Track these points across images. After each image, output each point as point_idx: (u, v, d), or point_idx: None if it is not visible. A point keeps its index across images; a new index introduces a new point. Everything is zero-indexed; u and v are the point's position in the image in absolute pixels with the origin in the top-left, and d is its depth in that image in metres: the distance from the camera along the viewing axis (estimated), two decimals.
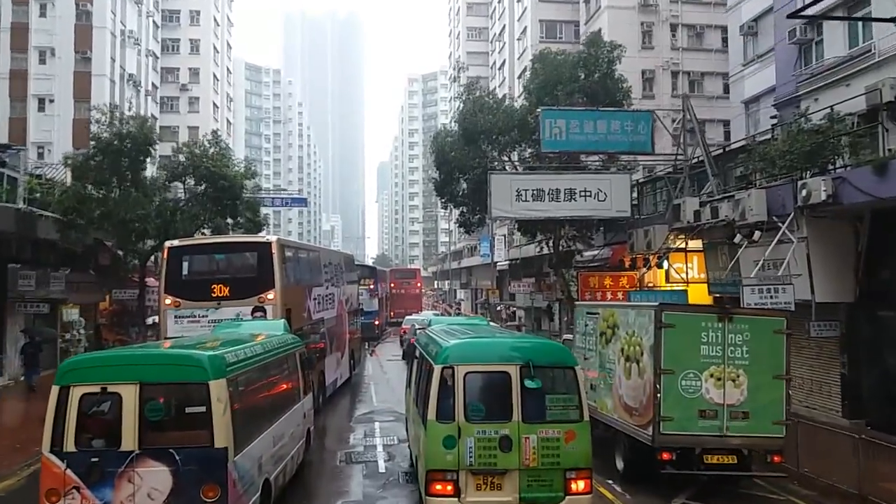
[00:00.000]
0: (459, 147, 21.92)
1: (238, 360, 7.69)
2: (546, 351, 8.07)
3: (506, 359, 7.71)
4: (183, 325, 12.81)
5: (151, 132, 18.51)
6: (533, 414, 7.43)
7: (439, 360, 7.76)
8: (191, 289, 13.27)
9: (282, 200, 35.52)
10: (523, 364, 7.53)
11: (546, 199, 19.14)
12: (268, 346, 9.16)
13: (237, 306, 12.88)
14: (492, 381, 7.69)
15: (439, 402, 7.54)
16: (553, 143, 19.35)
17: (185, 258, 13.60)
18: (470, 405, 7.48)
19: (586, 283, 22.64)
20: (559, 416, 7.52)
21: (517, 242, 41.77)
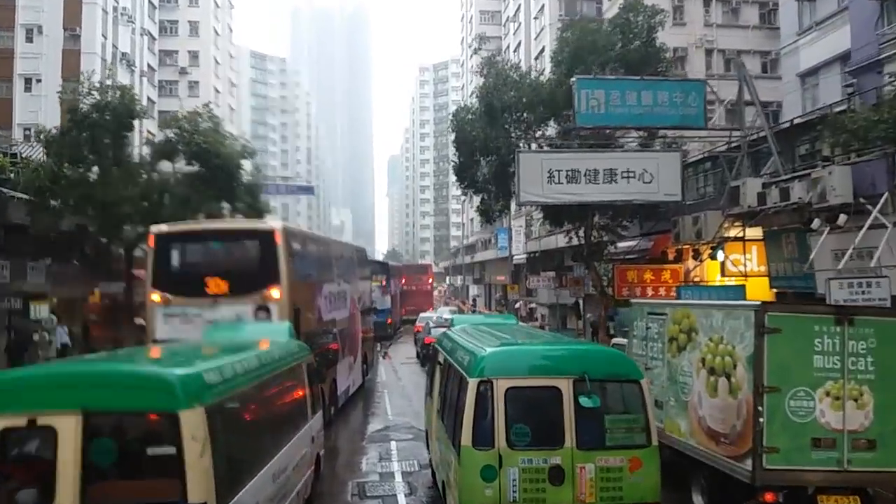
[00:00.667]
0: (481, 126, 19.53)
1: (224, 379, 5.66)
2: (605, 360, 6.74)
3: (556, 370, 6.39)
4: (174, 325, 11.04)
5: (134, 103, 16.22)
6: (590, 438, 6.18)
7: (474, 372, 6.43)
8: (182, 283, 11.44)
9: (287, 188, 33.27)
10: (578, 377, 6.24)
11: (582, 180, 16.78)
12: (267, 357, 7.22)
13: (237, 304, 11.05)
14: (539, 399, 6.36)
15: (475, 424, 6.23)
16: (589, 116, 16.95)
17: (174, 246, 11.77)
18: (513, 428, 6.17)
19: (623, 278, 20.37)
20: (622, 440, 6.28)
21: (536, 234, 39.41)
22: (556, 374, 6.33)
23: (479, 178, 20.97)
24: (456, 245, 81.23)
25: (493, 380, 6.25)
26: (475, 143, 19.59)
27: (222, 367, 5.81)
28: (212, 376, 5.45)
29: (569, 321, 27.21)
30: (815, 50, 20.68)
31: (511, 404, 6.21)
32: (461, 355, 7.41)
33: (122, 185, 15.56)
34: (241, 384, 5.98)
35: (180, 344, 7.99)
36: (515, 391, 6.27)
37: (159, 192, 17.07)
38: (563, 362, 6.50)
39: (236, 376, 5.93)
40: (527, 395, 6.34)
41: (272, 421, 7.14)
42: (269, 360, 7.11)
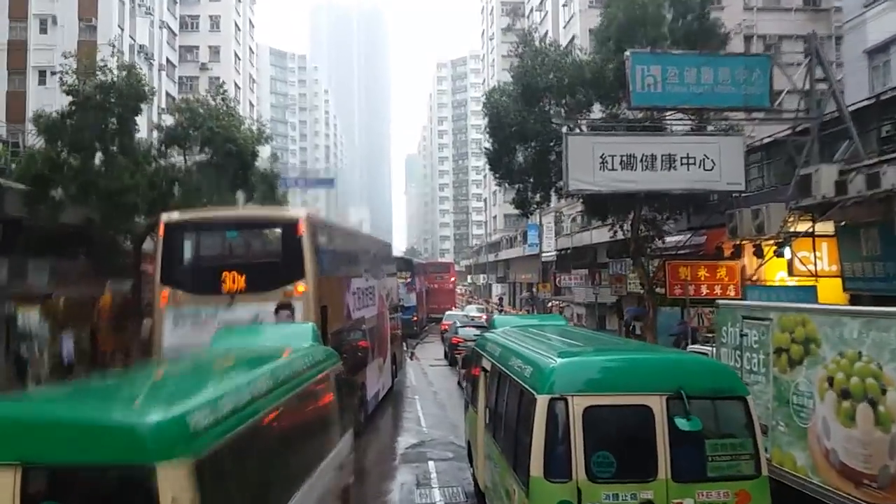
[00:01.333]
0: (517, 109, 17.77)
1: (221, 417, 4.12)
2: (704, 372, 5.67)
3: (646, 385, 5.31)
4: (185, 328, 9.82)
5: (141, 84, 14.77)
6: (688, 468, 5.16)
7: (544, 388, 5.36)
8: (195, 279, 10.31)
9: (306, 181, 31.77)
10: (672, 393, 5.19)
11: (638, 167, 14.97)
12: (286, 373, 5.60)
13: (256, 302, 9.83)
14: (625, 420, 5.35)
15: (547, 451, 5.18)
16: (645, 96, 15.13)
17: (187, 237, 10.65)
18: (595, 456, 5.13)
19: (675, 275, 18.49)
20: (726, 470, 5.21)
21: (567, 230, 37.54)
22: (645, 389, 5.27)
23: (514, 167, 19.21)
24: (478, 243, 79.55)
25: (568, 397, 5.19)
26: (511, 128, 17.82)
27: (220, 400, 4.28)
28: (202, 418, 3.92)
29: (608, 321, 25.34)
30: (884, 23, 18.66)
31: (591, 427, 5.15)
32: (519, 364, 6.34)
33: (127, 174, 14.08)
34: (247, 418, 4.43)
35: (180, 361, 6.45)
36: (596, 411, 5.20)
37: (169, 180, 15.58)
38: (654, 375, 5.43)
39: (241, 409, 4.39)
40: (610, 416, 5.30)
41: (290, 458, 5.53)
42: (288, 378, 5.55)
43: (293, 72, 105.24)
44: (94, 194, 14.24)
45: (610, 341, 9.12)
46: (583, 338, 8.24)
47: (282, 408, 5.15)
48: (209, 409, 4.02)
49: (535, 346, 6.69)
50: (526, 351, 6.57)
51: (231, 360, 6.09)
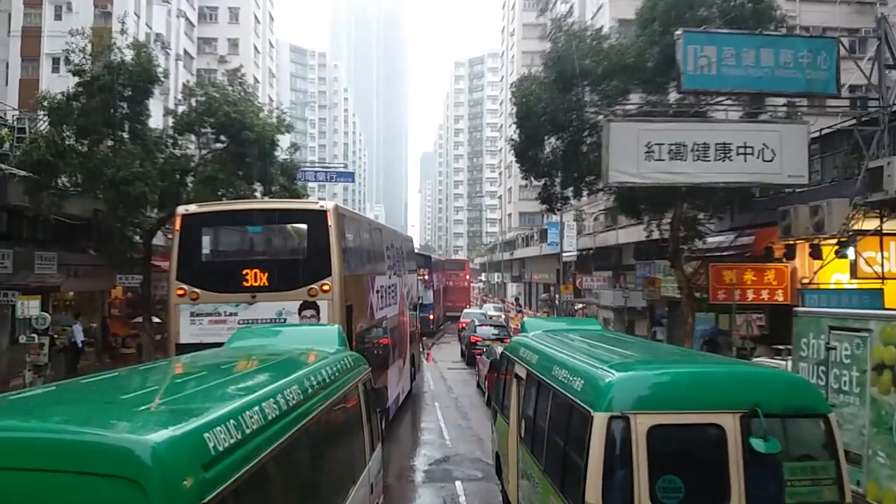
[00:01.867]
0: (550, 96, 16.52)
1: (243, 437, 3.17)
2: (781, 387, 5.03)
3: (717, 402, 4.72)
4: (202, 326, 9.31)
5: (152, 64, 13.77)
6: (764, 495, 4.56)
7: (601, 404, 4.76)
8: (214, 275, 9.77)
9: (326, 174, 30.79)
10: (747, 411, 4.60)
11: (689, 157, 13.65)
12: (315, 383, 4.72)
13: (279, 300, 9.37)
14: (694, 441, 4.79)
15: (606, 476, 4.59)
16: (697, 78, 13.83)
17: (205, 230, 10.09)
18: (660, 481, 4.51)
19: (720, 279, 17.26)
20: (806, 496, 4.60)
21: (589, 229, 36.17)
22: (717, 406, 4.70)
23: (541, 159, 17.96)
24: (492, 241, 78.35)
25: (629, 415, 4.63)
26: (541, 117, 16.57)
27: (243, 412, 3.29)
28: (214, 440, 2.89)
29: (637, 327, 24.01)
30: None
31: (656, 449, 4.59)
32: (565, 375, 5.75)
33: (137, 161, 13.10)
34: (274, 439, 3.48)
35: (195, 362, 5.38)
36: (661, 431, 4.62)
37: (181, 170, 14.59)
38: (726, 390, 4.84)
39: (266, 428, 3.44)
40: (677, 437, 4.75)
41: (320, 484, 4.61)
42: (317, 389, 4.64)
43: (313, 69, 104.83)
44: (100, 183, 13.28)
45: (665, 350, 8.27)
46: (633, 346, 7.47)
47: (312, 426, 4.25)
48: (222, 430, 3.00)
49: (582, 355, 6.09)
50: (572, 360, 5.97)
51: (252, 364, 5.24)
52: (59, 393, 3.65)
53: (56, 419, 2.87)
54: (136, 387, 4.03)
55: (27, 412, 3.09)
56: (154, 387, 4.10)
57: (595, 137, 16.80)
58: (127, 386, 4.06)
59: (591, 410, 4.80)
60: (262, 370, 4.89)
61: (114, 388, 3.90)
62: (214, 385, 4.10)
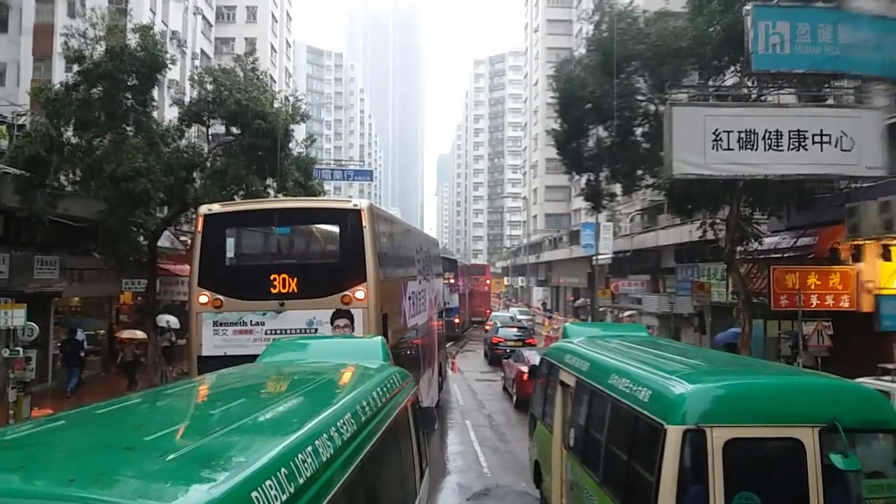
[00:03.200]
0: (596, 81, 14.92)
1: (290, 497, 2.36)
2: (861, 401, 4.73)
3: (795, 415, 4.48)
4: (226, 336, 8.70)
5: (157, 49, 12.43)
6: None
7: (676, 417, 4.49)
8: (239, 280, 9.16)
9: (343, 173, 29.44)
10: (826, 425, 4.37)
11: (760, 145, 12.00)
12: (368, 407, 4.01)
13: (310, 308, 8.77)
14: (772, 456, 4.52)
15: (680, 493, 4.33)
16: (768, 58, 12.21)
17: (230, 232, 9.42)
18: (737, 497, 4.25)
19: (781, 283, 15.56)
20: None
21: (624, 231, 34.40)
22: (795, 420, 4.50)
23: (586, 152, 16.35)
24: (515, 244, 76.68)
25: (706, 429, 4.42)
26: (587, 104, 14.97)
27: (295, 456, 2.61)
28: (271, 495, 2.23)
29: (683, 335, 22.21)
30: None
31: (733, 463, 4.38)
32: (627, 384, 5.53)
33: (139, 156, 11.78)
34: (328, 487, 2.80)
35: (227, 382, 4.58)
36: (739, 445, 4.43)
37: (188, 164, 13.25)
38: (805, 403, 4.65)
39: (321, 473, 2.77)
40: (754, 451, 4.54)
41: None
42: (372, 416, 3.96)
43: (329, 69, 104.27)
44: (99, 180, 11.98)
45: (729, 360, 7.85)
46: (693, 354, 7.09)
47: (368, 460, 3.57)
48: (281, 479, 2.38)
49: (643, 364, 5.85)
50: (633, 369, 5.75)
51: (293, 385, 4.46)
52: (67, 431, 2.85)
53: (59, 477, 2.12)
54: (161, 422, 3.23)
55: (23, 462, 2.29)
56: (183, 421, 3.32)
57: (646, 127, 15.20)
58: (150, 420, 3.31)
59: (663, 423, 4.60)
60: (307, 394, 4.10)
61: (134, 425, 3.09)
62: (256, 416, 3.27)
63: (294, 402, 3.76)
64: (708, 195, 16.08)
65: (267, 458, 2.42)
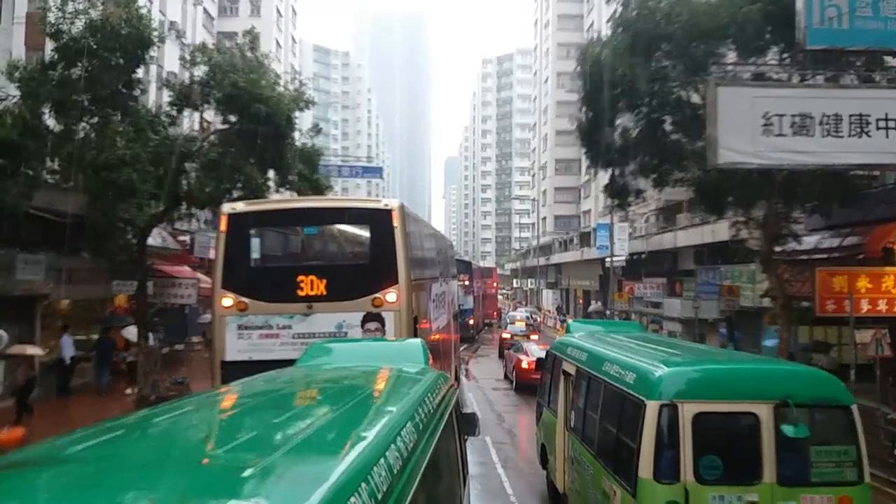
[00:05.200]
0: (626, 63, 13.63)
1: None
2: (810, 381, 5.77)
3: (754, 393, 5.45)
4: (251, 340, 8.48)
5: (143, 22, 11.25)
6: (792, 473, 5.29)
7: (654, 394, 5.50)
8: (264, 282, 8.91)
9: (351, 169, 28.22)
10: (780, 401, 5.31)
11: (817, 131, 10.70)
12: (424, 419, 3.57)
13: (339, 311, 8.59)
14: (732, 426, 5.53)
15: (657, 455, 5.32)
16: (824, 33, 10.93)
17: (255, 232, 9.19)
18: (703, 460, 5.28)
19: (827, 286, 14.25)
20: (829, 476, 5.34)
21: (640, 231, 33.06)
22: (753, 397, 5.42)
23: (611, 144, 15.05)
24: (524, 246, 75.39)
25: (678, 404, 5.35)
26: (616, 89, 13.68)
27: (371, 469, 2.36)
28: None
29: (708, 341, 20.85)
30: None
31: (700, 432, 5.31)
32: (617, 370, 6.44)
33: (124, 142, 10.63)
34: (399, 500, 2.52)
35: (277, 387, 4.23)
36: (705, 417, 5.36)
37: (179, 153, 12.07)
38: (762, 384, 5.61)
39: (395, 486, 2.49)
40: (718, 423, 5.48)
41: None
42: (426, 422, 3.58)
43: (336, 68, 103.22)
44: (81, 169, 10.82)
45: (704, 350, 9.10)
46: (675, 346, 8.57)
47: (428, 470, 3.24)
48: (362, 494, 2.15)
49: (631, 353, 6.81)
50: (623, 357, 6.69)
51: (346, 390, 4.18)
52: (125, 443, 2.59)
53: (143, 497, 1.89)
54: (223, 432, 3.02)
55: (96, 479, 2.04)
56: (246, 432, 2.97)
57: (679, 115, 13.92)
58: (210, 429, 3.08)
59: (644, 399, 5.46)
60: (364, 401, 3.88)
61: (198, 437, 2.92)
62: (319, 427, 2.97)
63: (353, 411, 3.50)
64: (742, 190, 14.81)
65: (345, 471, 2.28)
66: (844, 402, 5.52)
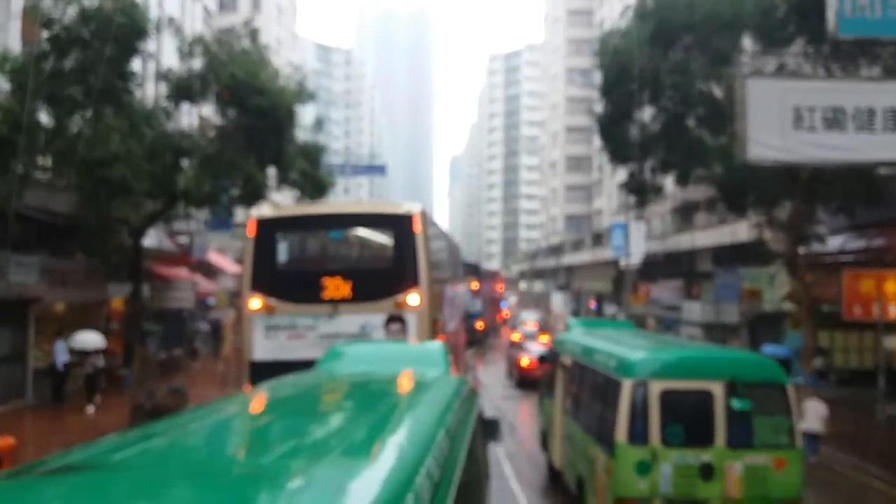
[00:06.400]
0: (648, 54, 12.99)
1: None
2: (753, 365, 7.20)
3: (707, 374, 6.78)
4: (278, 341, 8.82)
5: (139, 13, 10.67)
6: (738, 439, 6.56)
7: (628, 374, 6.86)
8: (291, 285, 9.28)
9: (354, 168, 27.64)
10: (728, 381, 6.62)
11: (849, 125, 10.03)
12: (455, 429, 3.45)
13: (363, 313, 8.96)
14: (691, 401, 6.72)
15: (631, 423, 6.63)
16: (856, 22, 10.24)
17: (281, 236, 9.60)
18: (667, 427, 6.55)
19: (855, 289, 13.64)
20: (768, 441, 6.68)
21: (656, 231, 32.37)
22: (708, 377, 6.67)
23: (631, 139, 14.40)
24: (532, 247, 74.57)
25: (648, 382, 6.60)
26: (637, 81, 13.03)
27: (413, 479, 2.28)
28: None
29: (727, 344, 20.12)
30: None
31: (665, 405, 6.53)
32: (603, 358, 7.76)
33: (117, 138, 10.09)
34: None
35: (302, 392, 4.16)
36: (669, 393, 6.57)
37: (175, 149, 11.52)
38: (714, 367, 6.86)
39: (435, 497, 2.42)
40: (680, 397, 6.63)
41: None
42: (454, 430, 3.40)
43: (339, 66, 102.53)
44: (73, 165, 10.29)
45: (674, 341, 10.72)
46: (652, 339, 10.33)
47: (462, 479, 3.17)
48: None
49: (616, 345, 8.10)
50: (608, 348, 7.98)
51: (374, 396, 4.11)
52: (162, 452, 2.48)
53: None
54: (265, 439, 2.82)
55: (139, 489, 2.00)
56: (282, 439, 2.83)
57: (702, 109, 13.29)
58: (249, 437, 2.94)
59: (621, 379, 6.84)
60: (397, 407, 3.81)
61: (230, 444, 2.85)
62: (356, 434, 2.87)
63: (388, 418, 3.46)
64: (765, 188, 14.16)
65: (390, 479, 2.23)
66: (780, 382, 6.82)
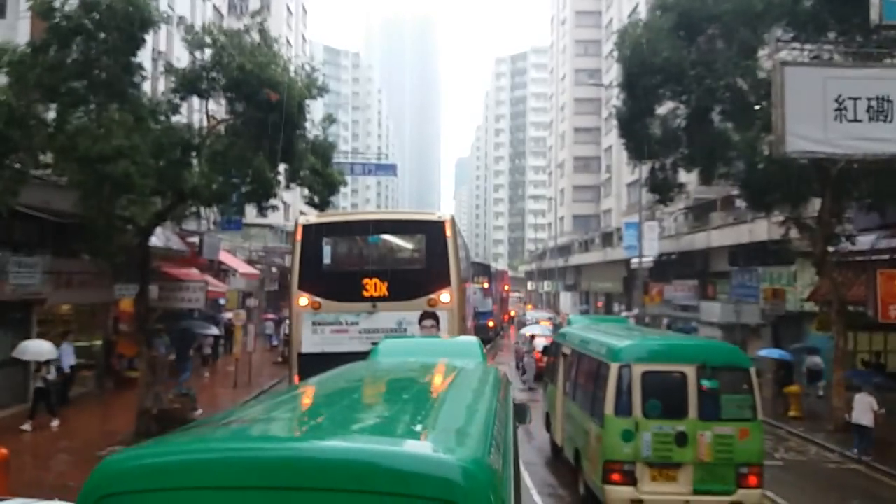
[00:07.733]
0: (671, 45, 12.43)
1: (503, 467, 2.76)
2: (721, 351, 8.78)
3: (682, 359, 8.02)
4: (324, 335, 9.76)
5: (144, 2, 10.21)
6: (708, 412, 7.69)
7: (615, 359, 8.14)
8: (335, 284, 10.20)
9: (364, 167, 27.24)
10: (699, 364, 7.78)
11: (895, 116, 9.45)
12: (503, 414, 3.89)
13: (399, 310, 9.85)
14: (668, 380, 7.90)
15: (617, 399, 7.90)
16: None
17: (326, 240, 10.52)
18: (648, 402, 7.77)
19: (889, 290, 13.09)
20: (734, 414, 7.78)
21: (669, 231, 31.73)
22: (682, 361, 7.94)
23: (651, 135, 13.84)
24: (539, 247, 73.98)
25: (631, 365, 7.92)
26: (659, 73, 12.47)
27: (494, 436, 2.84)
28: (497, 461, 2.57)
29: (750, 349, 19.49)
30: None
31: (646, 384, 7.81)
32: (596, 347, 9.13)
33: (121, 132, 9.64)
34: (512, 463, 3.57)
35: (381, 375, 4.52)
36: (649, 374, 7.88)
37: (182, 144, 11.08)
38: (688, 352, 8.24)
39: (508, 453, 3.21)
40: (658, 378, 7.91)
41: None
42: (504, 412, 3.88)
43: (346, 69, 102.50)
44: (74, 161, 9.84)
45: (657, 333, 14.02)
46: (640, 332, 12.41)
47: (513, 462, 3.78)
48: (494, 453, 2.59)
49: (607, 336, 9.46)
50: (601, 338, 9.36)
51: (440, 381, 4.42)
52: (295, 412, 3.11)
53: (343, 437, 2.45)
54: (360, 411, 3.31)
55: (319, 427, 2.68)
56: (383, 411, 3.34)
57: (728, 103, 12.72)
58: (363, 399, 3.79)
59: (610, 363, 8.18)
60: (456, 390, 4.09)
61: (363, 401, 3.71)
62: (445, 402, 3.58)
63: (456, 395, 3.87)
64: (793, 185, 13.57)
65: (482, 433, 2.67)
66: (744, 366, 8.10)
